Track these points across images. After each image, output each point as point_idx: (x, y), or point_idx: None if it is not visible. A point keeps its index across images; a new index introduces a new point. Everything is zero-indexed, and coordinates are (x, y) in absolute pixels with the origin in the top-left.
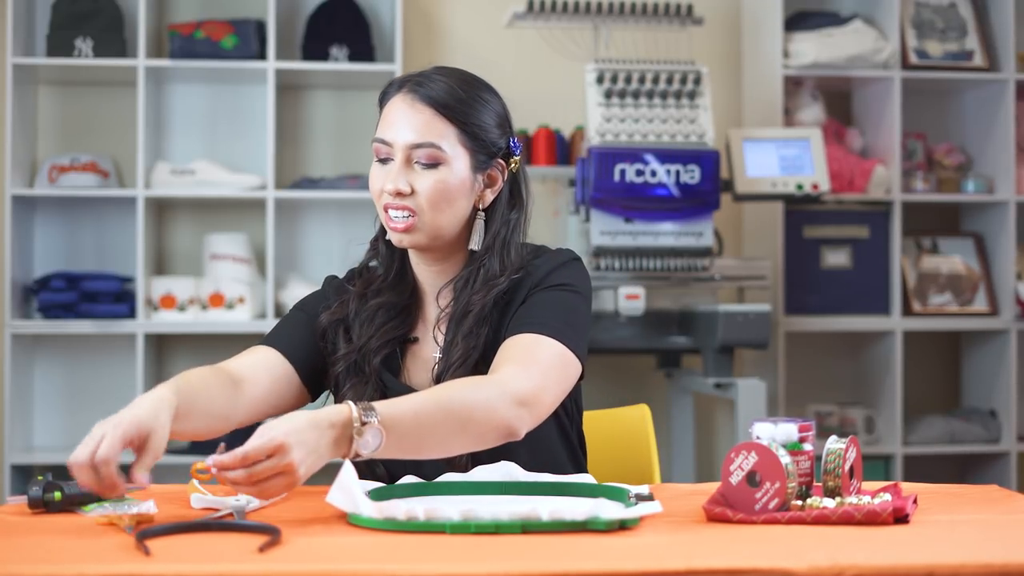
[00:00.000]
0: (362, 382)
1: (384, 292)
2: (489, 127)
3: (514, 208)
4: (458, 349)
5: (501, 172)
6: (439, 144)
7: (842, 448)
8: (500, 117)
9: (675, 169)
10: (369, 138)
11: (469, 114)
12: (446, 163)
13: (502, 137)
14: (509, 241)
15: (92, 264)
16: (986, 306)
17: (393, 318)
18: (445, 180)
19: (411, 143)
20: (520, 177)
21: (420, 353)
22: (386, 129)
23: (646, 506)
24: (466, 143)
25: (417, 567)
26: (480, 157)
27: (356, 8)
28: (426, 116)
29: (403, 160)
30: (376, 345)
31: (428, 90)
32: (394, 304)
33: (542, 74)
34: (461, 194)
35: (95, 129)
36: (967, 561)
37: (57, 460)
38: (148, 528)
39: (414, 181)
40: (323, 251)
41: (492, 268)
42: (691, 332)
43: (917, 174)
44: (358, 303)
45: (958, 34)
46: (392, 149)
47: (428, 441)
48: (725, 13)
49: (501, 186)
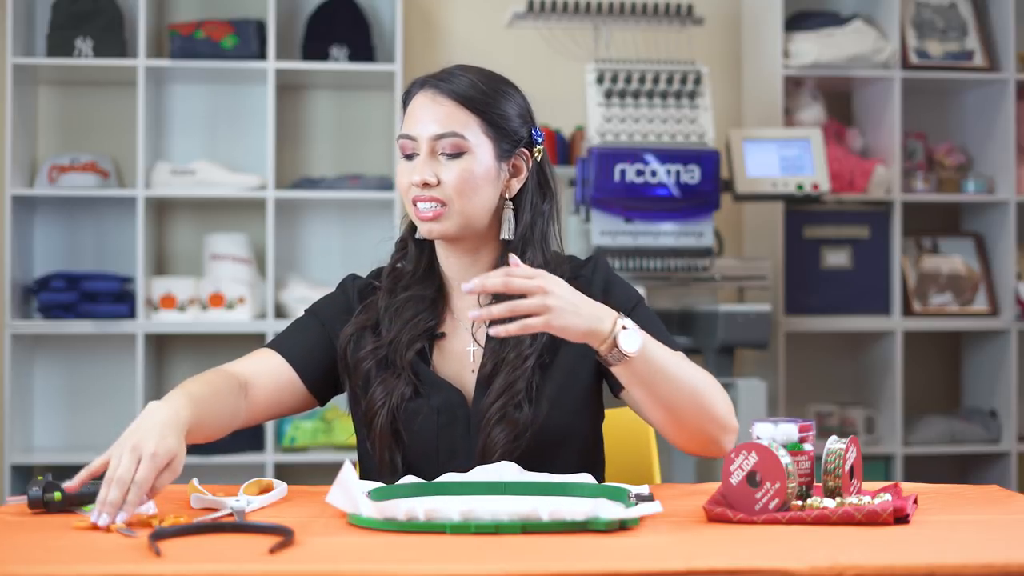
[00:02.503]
0: (393, 375)
1: (412, 287)
2: (511, 116)
3: (545, 199)
4: (514, 349)
5: (525, 161)
6: (462, 133)
7: (842, 448)
8: (521, 108)
9: (675, 169)
10: (369, 138)
11: (490, 104)
12: (470, 152)
13: (524, 126)
14: (547, 234)
15: (92, 264)
16: (986, 306)
17: (423, 311)
18: (470, 168)
19: (434, 134)
20: (546, 168)
21: (450, 347)
22: (411, 125)
23: (646, 506)
24: (489, 132)
25: (417, 567)
26: (504, 146)
27: (356, 8)
28: (448, 108)
29: (428, 152)
30: (407, 338)
31: (449, 84)
32: (423, 297)
33: (542, 74)
34: (487, 182)
35: (95, 129)
36: (967, 561)
37: (57, 460)
38: (162, 528)
39: (439, 172)
40: (323, 251)
41: (536, 261)
42: (691, 332)
43: (917, 174)
44: (387, 298)
45: (958, 34)
46: (417, 143)
47: (662, 385)
48: (725, 13)
49: (526, 175)
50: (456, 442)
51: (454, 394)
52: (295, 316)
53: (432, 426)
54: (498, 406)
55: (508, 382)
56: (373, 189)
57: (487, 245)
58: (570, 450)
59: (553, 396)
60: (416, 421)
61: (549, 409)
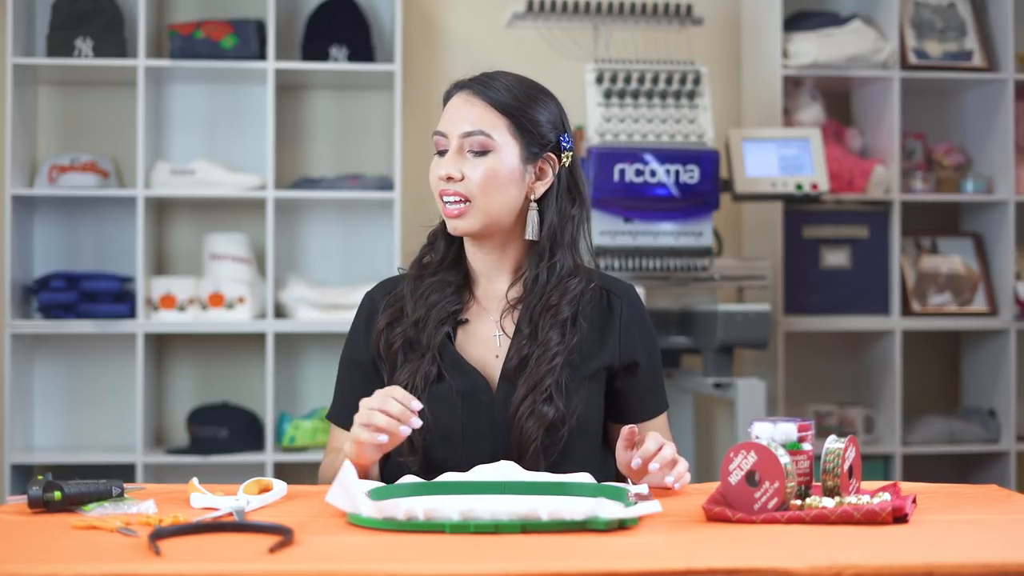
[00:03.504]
0: (418, 355)
1: (439, 273)
2: (541, 122)
3: (574, 204)
4: (541, 346)
5: (552, 166)
6: (489, 132)
7: (841, 448)
8: (553, 115)
9: (675, 169)
10: (369, 138)
11: (521, 108)
12: (495, 151)
13: (553, 132)
14: (576, 238)
15: (92, 264)
16: (985, 306)
17: (449, 295)
18: (494, 167)
19: (463, 132)
20: (576, 175)
21: (476, 332)
22: (444, 123)
23: (645, 506)
24: (516, 134)
25: (417, 567)
26: (532, 149)
27: (356, 8)
28: (479, 109)
29: (456, 149)
30: (434, 320)
31: (485, 87)
32: (448, 282)
33: (542, 74)
34: (511, 182)
35: (95, 129)
36: (966, 561)
37: (57, 460)
38: (161, 528)
39: (465, 168)
40: (323, 251)
41: (565, 263)
42: (691, 332)
43: (916, 174)
44: (412, 284)
45: (957, 34)
46: (447, 140)
47: None
48: (725, 13)
49: (552, 179)
50: (479, 427)
51: (478, 379)
52: (295, 316)
53: (457, 410)
54: (529, 401)
55: (536, 378)
56: (373, 189)
57: (512, 244)
58: (591, 446)
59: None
60: (441, 405)
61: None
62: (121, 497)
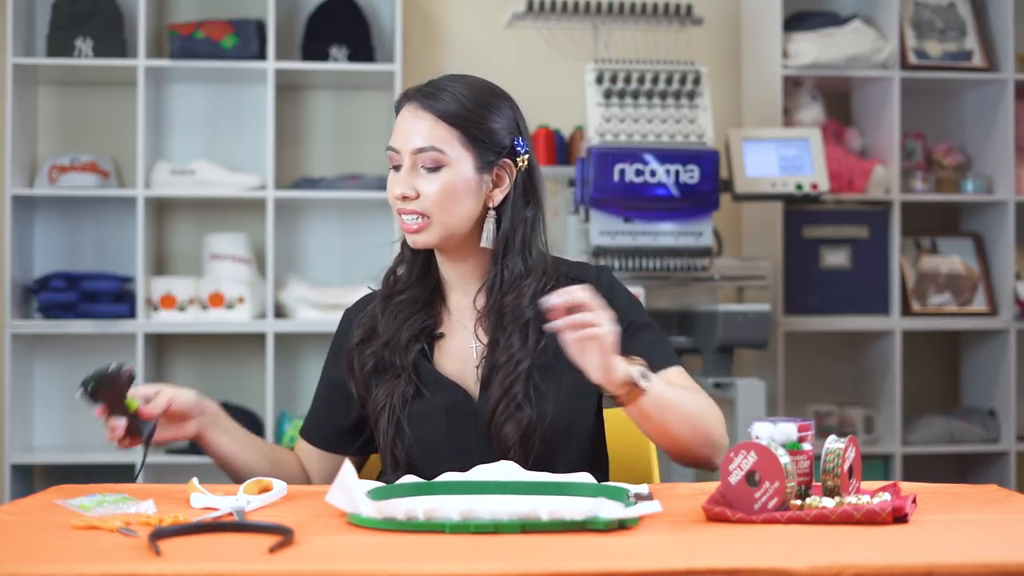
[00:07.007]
0: (394, 375)
1: (408, 290)
2: (494, 129)
3: (528, 206)
4: (504, 353)
5: (508, 172)
6: (440, 148)
7: (841, 448)
8: (507, 119)
9: (675, 169)
10: (369, 138)
11: (472, 118)
12: (449, 165)
13: (508, 137)
14: (529, 241)
15: (92, 264)
16: (985, 306)
17: (419, 311)
18: (449, 181)
19: (414, 148)
20: (533, 176)
21: (452, 345)
22: (395, 138)
23: (645, 506)
24: (469, 145)
25: (417, 567)
26: (487, 157)
27: (356, 8)
28: (429, 123)
29: (409, 166)
30: (406, 338)
31: (432, 99)
32: (417, 299)
33: (542, 74)
34: (467, 194)
35: (95, 129)
36: (966, 561)
37: (57, 460)
38: (161, 528)
39: (420, 185)
40: (323, 251)
41: (516, 268)
42: (690, 332)
43: (916, 174)
44: (383, 303)
45: (957, 34)
46: (400, 156)
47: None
48: (725, 13)
49: (509, 186)
50: (467, 440)
51: (459, 392)
52: (295, 316)
53: (441, 426)
54: (501, 408)
55: (504, 386)
56: (372, 189)
57: (475, 252)
58: (576, 448)
59: (557, 396)
60: (424, 423)
61: (554, 408)
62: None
